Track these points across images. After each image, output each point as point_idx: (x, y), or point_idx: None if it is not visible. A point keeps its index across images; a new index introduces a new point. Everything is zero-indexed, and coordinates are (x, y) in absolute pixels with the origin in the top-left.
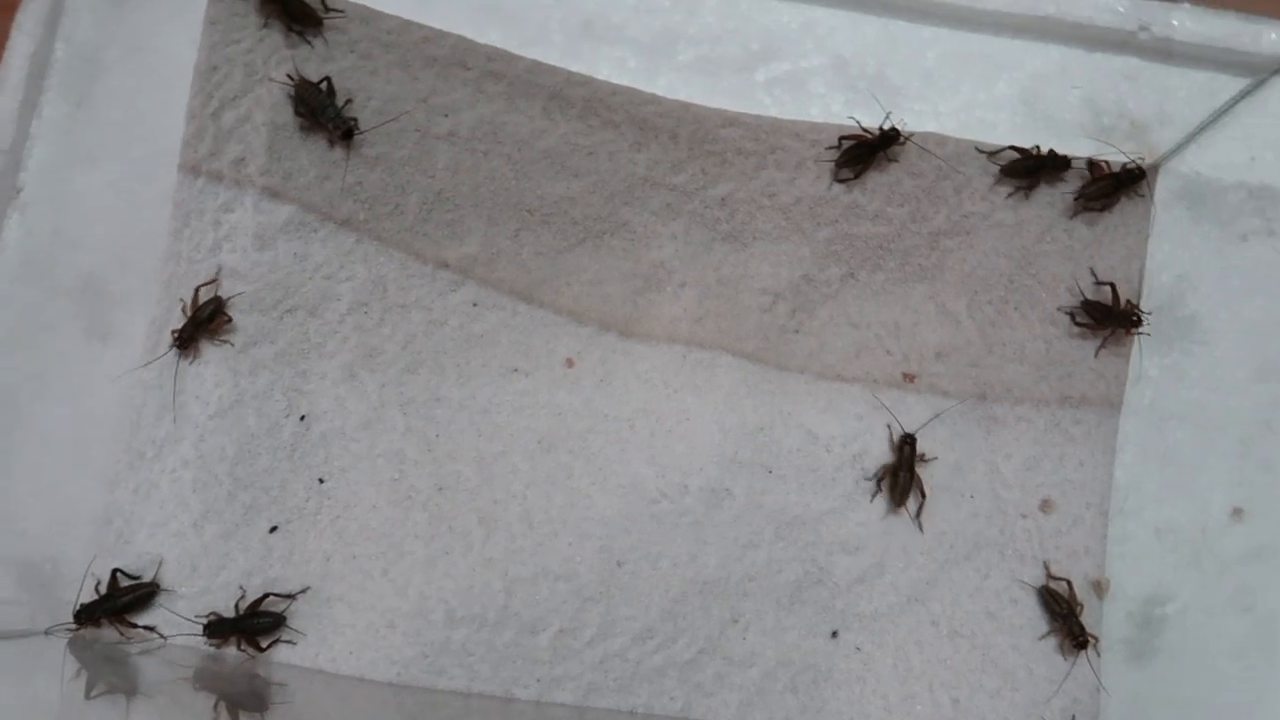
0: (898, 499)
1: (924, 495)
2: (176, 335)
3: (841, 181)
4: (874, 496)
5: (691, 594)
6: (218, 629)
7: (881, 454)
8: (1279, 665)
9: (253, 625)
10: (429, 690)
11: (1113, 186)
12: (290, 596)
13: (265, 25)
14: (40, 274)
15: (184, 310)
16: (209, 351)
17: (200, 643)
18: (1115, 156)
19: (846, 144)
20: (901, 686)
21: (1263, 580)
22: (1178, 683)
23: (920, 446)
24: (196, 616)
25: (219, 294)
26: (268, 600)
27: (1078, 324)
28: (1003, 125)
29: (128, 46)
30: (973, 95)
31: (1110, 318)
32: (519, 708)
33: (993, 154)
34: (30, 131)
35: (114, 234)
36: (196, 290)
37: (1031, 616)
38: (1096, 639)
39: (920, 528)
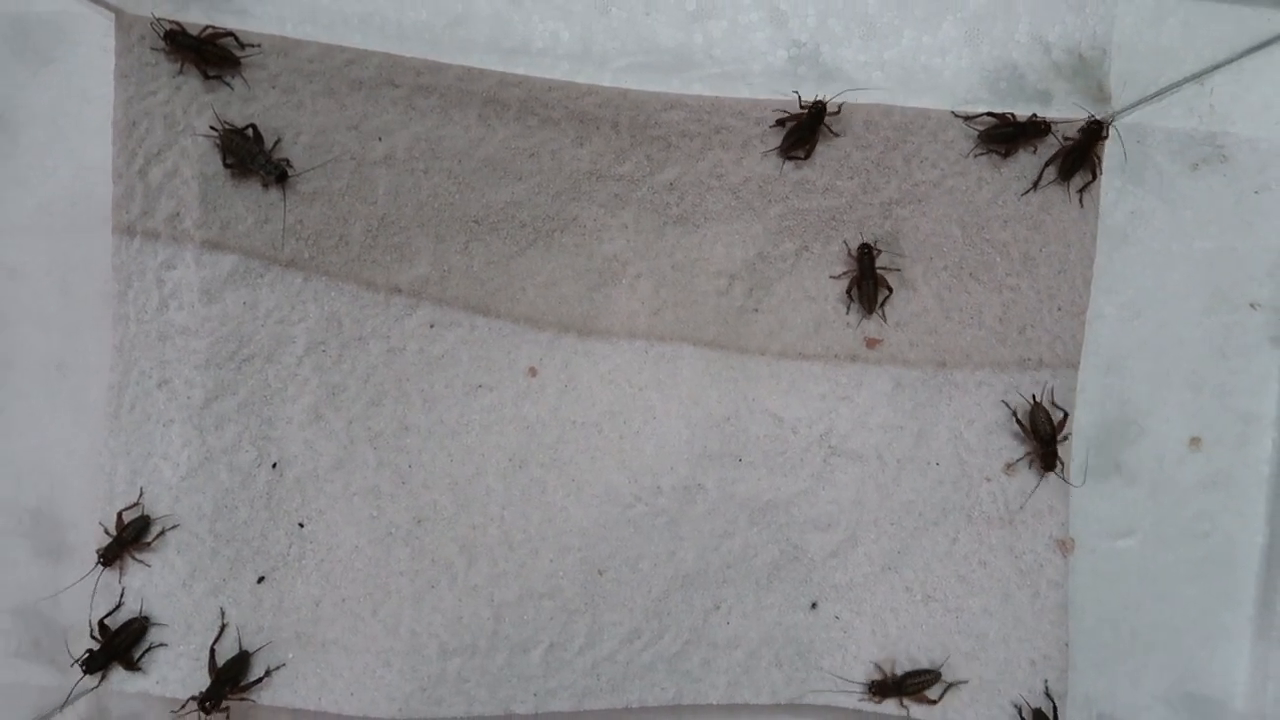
0: (868, 305)
1: (890, 290)
2: (101, 554)
3: (790, 159)
4: (849, 309)
5: (673, 590)
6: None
7: (847, 432)
8: (1235, 586)
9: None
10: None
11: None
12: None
13: (180, 73)
14: None
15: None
16: (172, 411)
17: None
18: (1075, 113)
19: (788, 124)
20: (880, 652)
21: (1219, 505)
22: (1137, 615)
23: (883, 416)
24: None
25: (145, 513)
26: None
27: (1019, 424)
28: (948, 71)
29: (35, 110)
30: (916, 40)
31: (1043, 442)
32: None
33: (969, 119)
34: None
35: (56, 302)
36: (120, 513)
37: (1001, 578)
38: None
39: (884, 317)
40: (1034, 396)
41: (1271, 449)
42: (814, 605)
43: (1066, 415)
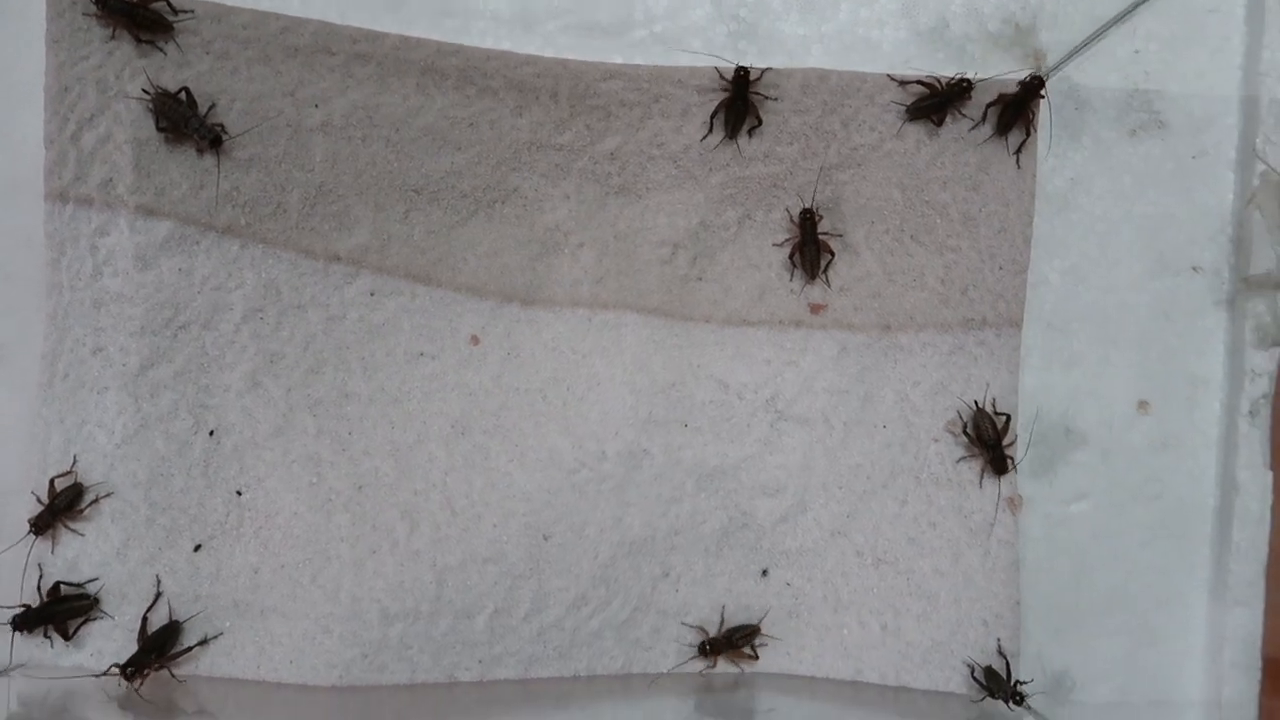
0: (811, 271)
1: (832, 254)
2: (33, 523)
3: (732, 138)
4: (792, 275)
5: (620, 556)
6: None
7: (793, 396)
8: (1188, 549)
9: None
10: (372, 688)
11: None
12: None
13: (113, 37)
14: None
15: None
16: (107, 378)
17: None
18: (1005, 75)
19: (722, 101)
20: (833, 616)
21: (1170, 468)
22: (1092, 578)
23: (828, 380)
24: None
25: (79, 480)
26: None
27: (965, 434)
28: (886, 43)
29: None
30: (854, 13)
31: (989, 447)
32: (463, 689)
33: (904, 83)
34: None
35: None
36: (52, 481)
37: (951, 539)
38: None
39: (828, 282)
40: (975, 403)
41: (1219, 410)
42: (764, 572)
43: (1009, 419)
